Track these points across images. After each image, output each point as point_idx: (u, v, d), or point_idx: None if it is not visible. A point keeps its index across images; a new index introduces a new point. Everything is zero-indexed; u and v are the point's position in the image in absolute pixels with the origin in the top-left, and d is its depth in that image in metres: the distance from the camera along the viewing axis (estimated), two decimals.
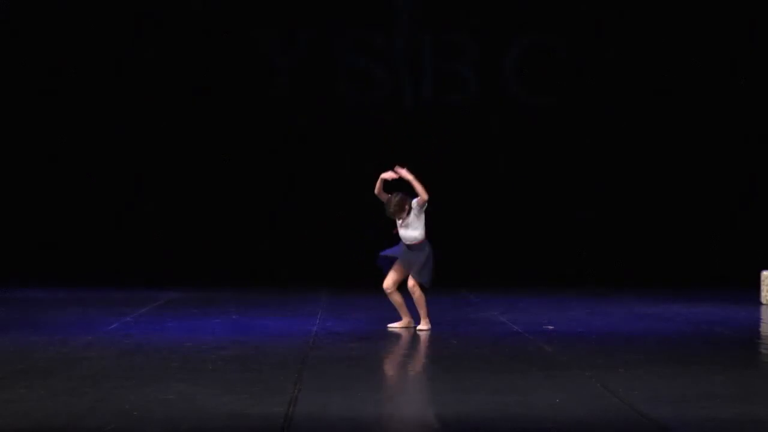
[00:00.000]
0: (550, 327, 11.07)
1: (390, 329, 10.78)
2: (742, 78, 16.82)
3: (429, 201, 10.51)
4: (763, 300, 13.63)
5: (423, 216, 10.64)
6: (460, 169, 17.19)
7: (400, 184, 10.62)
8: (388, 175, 10.64)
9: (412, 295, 10.70)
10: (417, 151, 17.19)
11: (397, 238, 10.68)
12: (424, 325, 10.79)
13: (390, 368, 8.63)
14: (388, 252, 10.74)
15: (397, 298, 10.80)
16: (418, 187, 10.52)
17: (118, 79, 16.87)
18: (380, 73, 17.37)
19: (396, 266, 10.69)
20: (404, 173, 10.56)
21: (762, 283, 13.71)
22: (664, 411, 6.80)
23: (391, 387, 7.89)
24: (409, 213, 10.58)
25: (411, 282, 10.66)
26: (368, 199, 16.78)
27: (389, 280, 10.69)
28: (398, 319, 10.94)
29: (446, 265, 16.57)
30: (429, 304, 10.86)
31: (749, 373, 8.61)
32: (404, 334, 10.57)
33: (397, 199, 10.57)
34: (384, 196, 10.64)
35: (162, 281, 15.43)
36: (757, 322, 12.21)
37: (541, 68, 17.31)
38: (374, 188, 10.64)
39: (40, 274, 15.96)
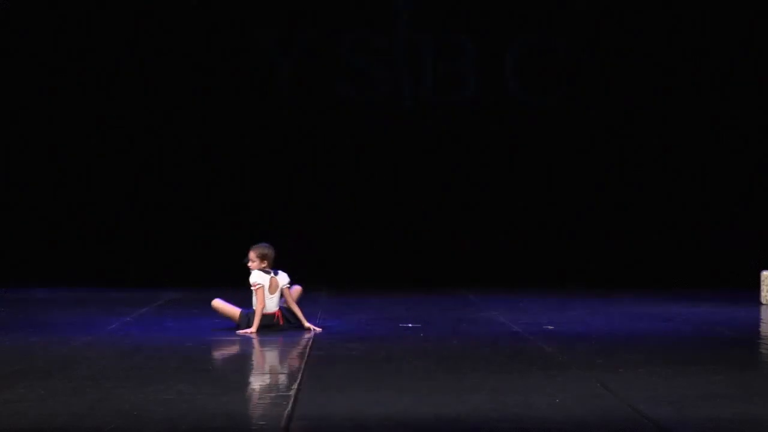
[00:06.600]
0: (550, 327, 11.07)
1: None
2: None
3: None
4: (763, 300, 13.63)
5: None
6: (460, 169, 17.18)
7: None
8: None
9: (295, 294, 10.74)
10: (417, 151, 17.26)
11: None
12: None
13: (390, 368, 8.61)
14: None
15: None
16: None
17: (117, 79, 16.85)
18: (380, 73, 17.35)
19: None
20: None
21: (762, 283, 13.70)
22: (664, 411, 6.80)
23: (391, 387, 7.87)
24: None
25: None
26: (367, 199, 16.93)
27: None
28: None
29: (447, 265, 16.71)
30: (429, 302, 10.85)
31: (749, 373, 8.61)
32: (397, 334, 10.54)
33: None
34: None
35: (162, 281, 15.42)
36: (757, 322, 12.21)
37: (541, 68, 17.30)
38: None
39: (40, 274, 15.95)
